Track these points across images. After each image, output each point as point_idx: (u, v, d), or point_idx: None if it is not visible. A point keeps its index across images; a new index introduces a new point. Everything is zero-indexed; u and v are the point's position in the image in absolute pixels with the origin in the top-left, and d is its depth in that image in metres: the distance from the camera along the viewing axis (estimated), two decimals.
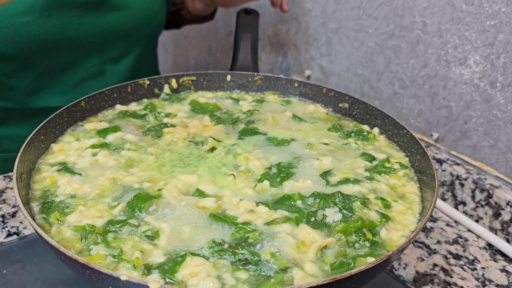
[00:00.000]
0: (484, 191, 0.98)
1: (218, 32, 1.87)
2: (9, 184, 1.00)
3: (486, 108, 1.01)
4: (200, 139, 0.85)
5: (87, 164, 0.75)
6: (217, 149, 0.81)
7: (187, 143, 0.83)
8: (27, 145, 0.73)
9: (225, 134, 0.88)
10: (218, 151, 0.81)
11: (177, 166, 0.77)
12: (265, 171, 0.76)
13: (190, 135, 0.87)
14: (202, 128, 0.89)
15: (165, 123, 0.90)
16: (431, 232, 0.97)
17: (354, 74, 1.32)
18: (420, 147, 0.80)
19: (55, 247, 0.54)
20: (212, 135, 0.86)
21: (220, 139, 0.86)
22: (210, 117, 0.93)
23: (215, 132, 0.88)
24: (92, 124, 0.88)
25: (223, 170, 0.76)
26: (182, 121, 0.92)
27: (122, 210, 0.65)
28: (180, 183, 0.71)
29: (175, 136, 0.85)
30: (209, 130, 0.89)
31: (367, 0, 1.21)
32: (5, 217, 0.91)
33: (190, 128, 0.88)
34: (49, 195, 0.69)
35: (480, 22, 0.98)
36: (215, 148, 0.82)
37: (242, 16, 1.15)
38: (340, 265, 0.57)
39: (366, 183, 0.75)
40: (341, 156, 0.82)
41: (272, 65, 1.64)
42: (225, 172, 0.75)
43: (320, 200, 0.68)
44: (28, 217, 0.58)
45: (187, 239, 0.61)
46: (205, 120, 0.92)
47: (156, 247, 0.60)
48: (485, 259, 0.90)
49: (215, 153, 0.81)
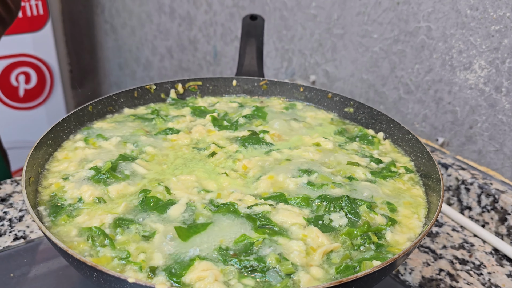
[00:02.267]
0: (490, 196, 0.98)
1: (223, 37, 1.88)
2: (16, 188, 1.01)
3: (491, 113, 1.01)
4: (203, 145, 0.86)
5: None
6: (217, 154, 0.82)
7: (190, 149, 0.84)
8: (35, 149, 0.74)
9: (228, 141, 0.88)
10: (218, 156, 0.82)
11: (179, 168, 0.78)
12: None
13: (194, 141, 0.87)
14: (206, 133, 0.90)
15: (171, 128, 0.90)
16: (437, 237, 0.96)
17: (359, 79, 1.32)
18: (425, 151, 0.80)
19: (63, 250, 0.55)
20: (215, 141, 0.87)
21: (223, 145, 0.86)
22: (212, 122, 0.93)
23: (219, 138, 0.88)
24: (100, 124, 0.89)
25: (217, 170, 0.78)
26: (186, 125, 0.92)
27: (126, 210, 0.67)
28: (179, 182, 0.74)
29: (178, 143, 0.85)
30: (212, 135, 0.89)
31: (371, 6, 1.22)
32: (12, 221, 0.91)
33: (193, 134, 0.89)
34: (57, 199, 0.69)
35: (485, 27, 0.98)
36: (215, 153, 0.82)
37: (248, 21, 1.15)
38: (345, 269, 0.58)
39: (372, 185, 0.75)
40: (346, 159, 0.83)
41: (277, 70, 1.64)
42: (219, 172, 0.77)
43: (327, 203, 0.69)
44: (36, 220, 0.59)
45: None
46: (208, 125, 0.92)
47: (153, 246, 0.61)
48: (492, 264, 0.90)
49: (215, 158, 0.81)
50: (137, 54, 2.61)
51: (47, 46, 2.38)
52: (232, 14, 1.78)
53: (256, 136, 0.88)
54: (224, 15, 1.82)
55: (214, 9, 1.87)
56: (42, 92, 2.47)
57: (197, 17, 1.99)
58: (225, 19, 1.82)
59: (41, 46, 2.36)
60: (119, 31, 2.71)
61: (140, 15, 2.43)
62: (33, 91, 2.43)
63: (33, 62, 2.37)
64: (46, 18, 2.32)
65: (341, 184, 0.74)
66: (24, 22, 2.26)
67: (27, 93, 2.41)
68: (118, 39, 2.76)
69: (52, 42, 2.38)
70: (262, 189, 0.73)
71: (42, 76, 2.43)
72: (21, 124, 2.43)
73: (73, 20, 3.21)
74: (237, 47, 1.80)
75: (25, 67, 2.36)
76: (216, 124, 0.93)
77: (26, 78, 2.38)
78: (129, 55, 2.70)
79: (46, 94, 2.48)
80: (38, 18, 2.30)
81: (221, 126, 0.93)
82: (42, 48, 2.36)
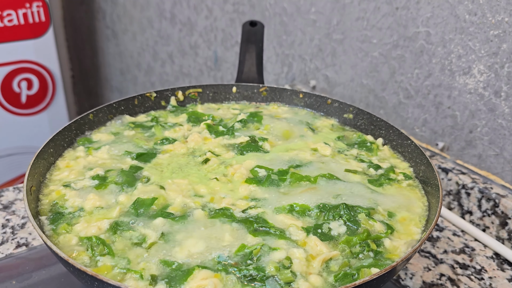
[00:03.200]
0: (490, 200, 0.98)
1: (224, 43, 1.89)
2: (18, 195, 1.02)
3: (491, 117, 1.01)
4: (199, 153, 0.86)
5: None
6: (210, 161, 0.82)
7: (186, 157, 0.84)
8: (37, 158, 0.75)
9: (225, 148, 0.88)
10: (211, 162, 0.82)
11: (175, 173, 0.80)
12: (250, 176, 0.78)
13: (190, 149, 0.87)
14: (202, 141, 0.89)
15: (167, 137, 0.90)
16: (438, 241, 0.96)
17: (359, 84, 1.33)
18: (424, 157, 0.81)
19: (64, 259, 0.55)
20: (211, 149, 0.87)
21: (219, 153, 0.86)
22: (207, 128, 0.93)
23: (215, 145, 0.88)
24: (99, 135, 0.90)
25: (209, 176, 0.78)
26: (183, 134, 0.92)
27: (121, 213, 0.68)
28: (174, 185, 0.75)
29: (175, 153, 0.85)
30: (208, 143, 0.89)
31: (371, 11, 1.22)
32: (14, 228, 0.92)
33: (189, 143, 0.88)
34: (58, 208, 0.70)
35: (484, 32, 0.98)
36: (208, 159, 0.82)
37: (247, 28, 1.16)
38: (344, 276, 0.58)
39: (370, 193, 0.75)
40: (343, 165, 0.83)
41: (277, 75, 1.65)
42: (210, 177, 0.78)
43: (326, 212, 0.69)
44: (37, 229, 0.59)
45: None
46: (204, 132, 0.92)
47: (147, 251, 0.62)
48: (492, 268, 0.90)
49: (208, 164, 0.81)
50: (138, 59, 2.62)
51: (49, 52, 2.39)
52: (232, 20, 1.79)
53: (255, 144, 0.88)
54: (224, 20, 1.83)
55: (215, 15, 1.88)
56: (44, 98, 2.48)
57: (197, 23, 2.00)
58: (226, 25, 1.83)
59: (43, 52, 2.37)
60: (120, 36, 2.72)
61: (141, 21, 2.44)
62: (35, 97, 2.45)
63: (35, 68, 2.38)
64: (48, 25, 2.34)
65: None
66: (26, 28, 2.27)
67: (29, 99, 2.43)
68: (119, 44, 2.77)
69: (54, 48, 2.40)
70: (244, 193, 0.74)
71: (44, 82, 2.44)
72: (23, 130, 2.44)
73: (74, 26, 3.22)
74: (237, 52, 1.81)
75: (27, 74, 2.37)
76: (211, 131, 0.93)
77: (28, 84, 2.39)
78: (131, 61, 2.71)
79: (48, 100, 2.49)
80: (39, 24, 2.31)
81: (217, 133, 0.93)
82: (44, 54, 2.37)
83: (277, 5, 1.53)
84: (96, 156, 0.83)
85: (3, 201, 1.00)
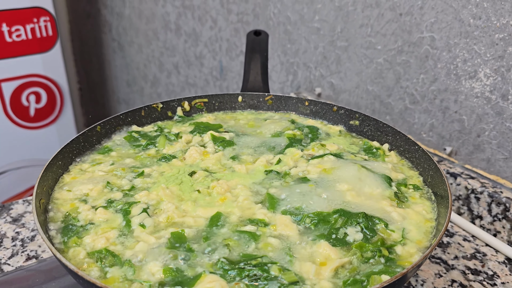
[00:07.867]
0: (500, 204, 0.97)
1: (229, 52, 1.90)
2: (27, 208, 1.02)
3: (498, 121, 1.01)
4: (195, 168, 0.83)
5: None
6: (196, 173, 0.81)
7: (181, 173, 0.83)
8: (45, 171, 0.75)
9: (222, 166, 0.85)
10: (197, 175, 0.80)
11: (170, 181, 0.80)
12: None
13: (187, 167, 0.84)
14: (200, 157, 0.86)
15: (165, 155, 0.87)
16: (448, 247, 0.95)
17: (365, 90, 1.33)
18: (432, 163, 0.80)
19: (74, 271, 0.55)
20: (208, 167, 0.84)
21: (216, 170, 0.83)
22: (212, 139, 0.91)
23: (213, 162, 0.85)
24: (98, 156, 0.89)
25: (193, 187, 0.78)
26: (181, 149, 0.90)
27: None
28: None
29: (170, 172, 0.83)
30: (206, 159, 0.86)
31: (374, 18, 1.23)
32: (24, 241, 0.92)
33: (187, 160, 0.86)
34: (69, 220, 0.70)
35: (489, 36, 0.98)
36: (194, 172, 0.81)
37: (252, 37, 1.17)
38: (353, 283, 0.57)
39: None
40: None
41: (282, 83, 1.65)
42: (194, 189, 0.77)
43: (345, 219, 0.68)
44: (47, 242, 0.59)
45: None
46: (207, 143, 0.91)
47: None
48: (505, 274, 0.89)
49: (194, 177, 0.80)
50: (144, 71, 2.65)
51: (56, 66, 2.42)
52: (237, 30, 1.80)
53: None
54: (229, 30, 1.85)
55: (219, 25, 1.89)
56: (53, 111, 2.51)
57: (202, 33, 2.02)
58: (230, 35, 1.84)
59: (50, 66, 2.40)
60: (127, 48, 2.75)
61: (147, 33, 2.47)
62: (44, 110, 2.47)
63: (43, 82, 2.41)
64: (55, 39, 2.37)
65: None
66: (34, 43, 2.30)
67: (37, 112, 2.45)
68: (125, 56, 2.80)
69: (61, 61, 2.43)
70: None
71: (52, 95, 2.47)
72: (32, 143, 2.47)
73: (81, 40, 3.26)
74: (242, 61, 1.82)
75: (35, 87, 2.40)
76: (216, 141, 0.91)
77: (36, 98, 2.42)
78: (137, 72, 2.74)
79: (56, 113, 2.52)
80: (47, 39, 2.34)
81: (223, 142, 0.91)
82: (51, 68, 2.40)
83: (281, 14, 1.54)
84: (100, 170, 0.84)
85: (12, 214, 1.00)
